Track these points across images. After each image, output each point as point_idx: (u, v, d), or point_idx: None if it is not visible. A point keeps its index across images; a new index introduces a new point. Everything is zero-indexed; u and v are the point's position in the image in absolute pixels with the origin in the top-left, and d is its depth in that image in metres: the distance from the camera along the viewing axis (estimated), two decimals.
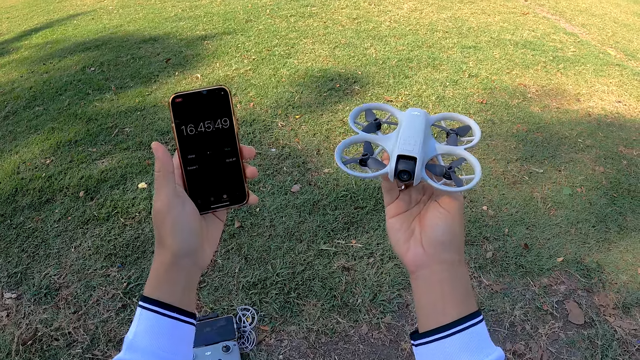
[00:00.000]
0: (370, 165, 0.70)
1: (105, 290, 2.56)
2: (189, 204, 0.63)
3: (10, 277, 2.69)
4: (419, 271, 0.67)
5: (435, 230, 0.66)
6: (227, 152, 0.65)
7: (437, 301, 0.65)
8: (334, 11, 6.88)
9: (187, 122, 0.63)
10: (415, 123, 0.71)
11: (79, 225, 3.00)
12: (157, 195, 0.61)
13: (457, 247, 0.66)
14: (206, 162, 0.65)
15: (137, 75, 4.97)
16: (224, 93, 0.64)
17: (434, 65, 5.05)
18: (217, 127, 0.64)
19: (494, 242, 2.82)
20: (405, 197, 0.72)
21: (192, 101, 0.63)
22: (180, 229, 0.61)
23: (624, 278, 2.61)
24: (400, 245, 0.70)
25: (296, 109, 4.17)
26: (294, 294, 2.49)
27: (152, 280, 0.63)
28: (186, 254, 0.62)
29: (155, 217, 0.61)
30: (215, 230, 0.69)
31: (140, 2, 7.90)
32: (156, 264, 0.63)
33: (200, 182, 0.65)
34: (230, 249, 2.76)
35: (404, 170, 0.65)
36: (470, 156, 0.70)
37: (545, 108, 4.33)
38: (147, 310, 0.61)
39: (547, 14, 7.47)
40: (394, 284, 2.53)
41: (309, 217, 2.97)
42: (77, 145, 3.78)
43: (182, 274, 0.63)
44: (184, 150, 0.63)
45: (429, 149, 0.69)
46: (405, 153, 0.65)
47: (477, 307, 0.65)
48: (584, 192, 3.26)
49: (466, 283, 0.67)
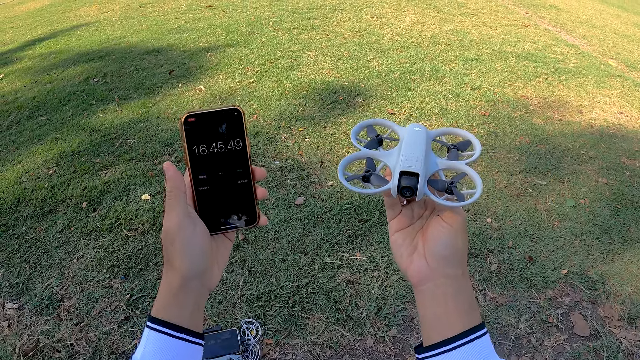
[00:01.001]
0: (372, 181, 0.70)
1: (108, 302, 2.54)
2: (200, 225, 0.63)
3: (12, 288, 2.67)
4: (422, 285, 0.68)
5: (438, 244, 0.66)
6: (239, 173, 0.65)
7: (441, 314, 0.66)
8: (336, 24, 6.92)
9: (199, 142, 0.62)
10: (416, 139, 0.72)
11: (81, 236, 2.99)
12: (168, 215, 0.61)
13: (460, 261, 0.67)
14: (217, 182, 0.64)
15: (140, 86, 4.98)
16: (237, 114, 0.63)
17: (436, 78, 5.07)
18: (229, 148, 0.64)
19: (498, 255, 2.82)
20: (408, 212, 0.72)
21: (204, 121, 0.62)
22: (190, 250, 0.61)
23: (629, 289, 2.61)
24: (403, 260, 0.70)
25: (299, 121, 4.18)
26: (299, 307, 2.47)
27: (160, 301, 0.62)
28: (195, 275, 0.62)
29: (165, 237, 0.61)
30: (224, 250, 0.68)
31: (144, 13, 7.95)
32: (165, 284, 0.63)
33: (211, 202, 0.64)
34: (234, 261, 2.75)
35: (407, 187, 0.65)
36: (472, 171, 0.70)
37: (547, 120, 4.34)
38: (155, 331, 0.61)
39: (548, 26, 7.52)
40: (398, 297, 2.52)
41: (313, 230, 2.96)
42: (80, 156, 3.77)
43: (191, 295, 0.62)
44: (195, 170, 0.63)
45: (430, 165, 0.70)
46: (407, 169, 0.66)
47: (481, 320, 0.66)
48: (588, 203, 3.26)
49: (470, 296, 0.67)
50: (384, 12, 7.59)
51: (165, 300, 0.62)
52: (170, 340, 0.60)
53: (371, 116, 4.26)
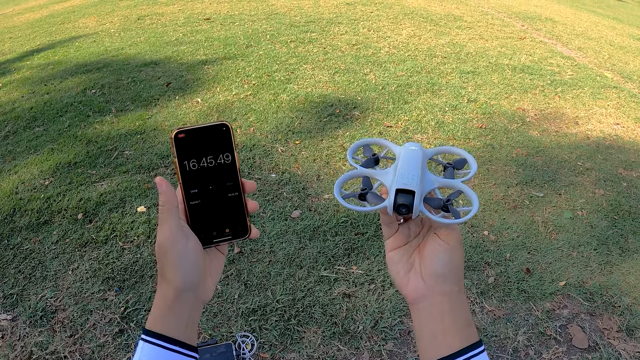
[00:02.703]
0: (369, 199, 0.71)
1: (103, 315, 2.52)
2: (192, 238, 0.63)
3: (6, 299, 2.65)
4: (419, 303, 0.68)
5: (435, 262, 0.67)
6: (229, 186, 0.66)
7: (437, 332, 0.66)
8: (333, 37, 6.96)
9: (190, 157, 0.64)
10: (412, 157, 0.72)
11: (76, 247, 2.97)
12: (161, 229, 0.62)
13: (457, 278, 0.67)
14: (208, 196, 0.65)
15: (137, 98, 4.99)
16: (225, 129, 0.64)
17: (433, 91, 5.10)
18: (219, 162, 0.65)
19: (495, 268, 2.82)
20: (404, 230, 0.73)
21: (194, 137, 0.63)
22: (183, 263, 0.62)
23: (627, 300, 2.61)
24: (400, 278, 0.71)
25: (296, 134, 4.19)
26: (294, 321, 2.46)
27: (154, 314, 0.63)
28: (189, 288, 0.63)
29: (159, 251, 0.62)
30: (217, 263, 0.69)
31: (142, 26, 7.98)
32: (159, 297, 0.63)
33: (202, 216, 0.65)
34: (229, 274, 2.74)
35: (403, 204, 0.66)
36: (467, 188, 0.71)
37: (544, 132, 4.37)
38: (149, 343, 0.61)
39: (544, 38, 7.59)
40: (395, 311, 2.51)
41: (309, 243, 2.96)
42: (77, 167, 3.77)
43: (185, 308, 0.63)
44: (186, 185, 0.64)
45: (426, 183, 0.71)
46: (403, 187, 0.66)
47: (478, 337, 0.66)
48: (585, 215, 3.27)
49: (466, 313, 0.67)
50: (380, 26, 7.65)
51: (159, 313, 0.63)
52: (164, 352, 0.61)
53: (367, 129, 4.27)
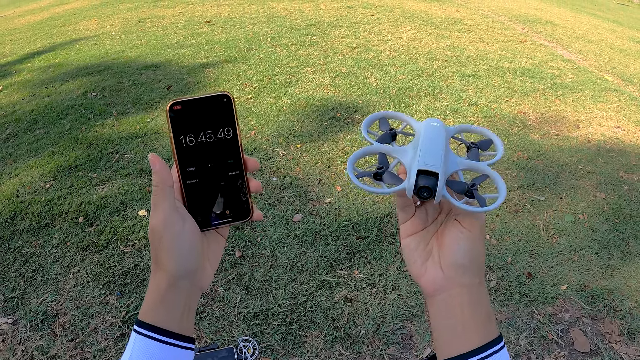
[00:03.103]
0: (385, 179, 0.64)
1: (104, 319, 2.52)
2: (189, 221, 0.59)
3: (7, 302, 2.65)
4: (437, 295, 0.63)
5: (456, 252, 0.62)
6: (230, 164, 0.61)
7: (457, 326, 0.61)
8: (334, 40, 6.97)
9: (187, 131, 0.58)
10: (435, 134, 0.65)
11: (77, 251, 2.97)
12: (154, 211, 0.57)
13: (478, 269, 0.62)
14: (207, 175, 0.60)
15: (138, 101, 4.99)
16: (227, 100, 0.59)
17: (434, 94, 5.10)
18: (219, 137, 0.60)
19: (497, 272, 2.82)
20: (422, 214, 0.67)
21: (192, 109, 0.58)
22: (178, 248, 0.57)
23: (629, 304, 2.61)
24: (417, 267, 0.65)
25: (297, 137, 4.19)
26: (296, 325, 2.46)
27: (148, 303, 0.59)
28: (185, 275, 0.58)
29: (152, 235, 0.57)
30: (216, 248, 0.65)
31: (143, 28, 7.98)
32: (152, 285, 0.59)
33: (200, 196, 0.60)
34: (231, 279, 2.73)
35: (425, 187, 0.59)
36: (495, 173, 0.65)
37: (545, 135, 4.37)
38: (142, 335, 0.57)
39: (545, 41, 7.61)
40: (397, 315, 2.51)
41: (311, 247, 2.96)
42: (78, 170, 3.76)
43: (180, 296, 0.59)
44: (183, 162, 0.59)
45: (450, 164, 0.64)
46: (426, 168, 0.60)
47: (499, 332, 0.62)
48: (586, 218, 3.27)
49: (487, 306, 0.63)
50: (381, 29, 7.66)
51: (153, 302, 0.58)
52: (158, 345, 0.57)
53: None
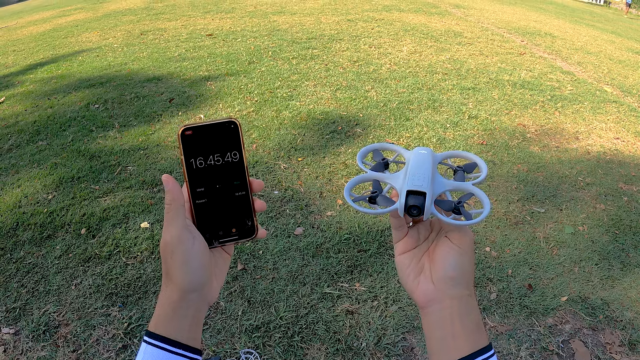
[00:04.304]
0: (379, 202, 0.70)
1: (106, 330, 2.52)
2: (199, 238, 0.62)
3: (9, 312, 2.65)
4: (429, 307, 0.67)
5: (446, 266, 0.66)
6: (236, 185, 0.64)
7: (447, 336, 0.65)
8: (335, 54, 7.02)
9: (197, 155, 0.62)
10: (422, 160, 0.72)
11: (80, 262, 2.98)
12: (167, 228, 0.60)
13: (467, 282, 0.66)
14: (215, 195, 0.64)
15: (140, 114, 5.02)
16: (234, 126, 0.63)
17: (434, 107, 5.14)
18: (226, 160, 0.63)
19: (497, 284, 2.83)
20: (414, 233, 0.72)
21: (202, 134, 0.62)
22: (189, 264, 0.60)
23: (629, 315, 2.62)
24: (410, 282, 0.70)
25: (298, 151, 4.22)
26: (298, 338, 2.47)
27: (158, 315, 0.62)
28: (195, 289, 0.61)
29: (164, 251, 0.60)
30: (223, 264, 0.68)
31: (145, 41, 8.04)
32: (163, 298, 0.62)
33: (209, 215, 0.64)
34: (233, 291, 2.74)
35: (414, 206, 0.65)
36: (479, 190, 0.70)
37: (544, 147, 4.40)
38: (152, 346, 0.60)
39: (544, 53, 7.66)
40: (398, 327, 2.52)
41: (313, 260, 2.97)
42: (80, 182, 3.78)
43: (190, 309, 0.62)
44: (193, 183, 0.63)
45: (437, 185, 0.69)
46: (414, 188, 0.65)
47: (489, 341, 0.65)
48: (586, 230, 3.29)
49: (477, 317, 0.66)
50: (381, 42, 7.72)
51: (163, 314, 0.61)
52: (167, 355, 0.59)
53: None
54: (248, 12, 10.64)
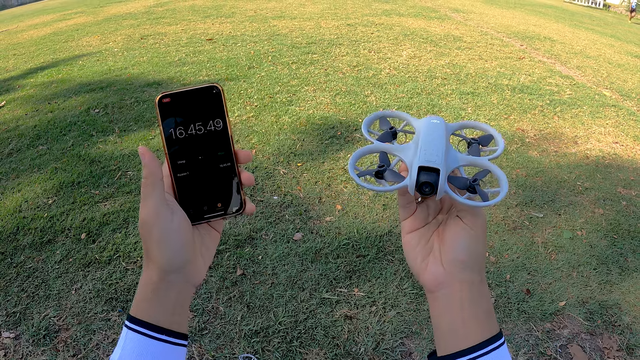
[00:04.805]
0: (387, 177, 0.64)
1: (106, 335, 2.54)
2: (179, 214, 0.58)
3: (9, 317, 2.67)
4: (437, 291, 0.63)
5: (457, 248, 0.62)
6: (220, 156, 0.60)
7: (456, 323, 0.61)
8: (334, 59, 7.05)
9: (176, 124, 0.58)
10: (435, 131, 0.65)
11: (80, 267, 2.99)
12: (144, 204, 0.56)
13: (479, 266, 0.62)
14: (198, 167, 0.59)
15: (140, 118, 5.04)
16: (216, 91, 0.59)
17: (433, 112, 5.16)
18: (209, 129, 0.59)
19: (495, 289, 2.84)
20: (423, 211, 0.67)
21: (181, 101, 0.58)
22: (168, 242, 0.56)
23: (627, 319, 2.63)
24: (417, 264, 0.65)
25: (298, 156, 4.24)
26: (297, 343, 2.48)
27: (139, 298, 0.58)
28: (176, 269, 0.57)
29: (142, 229, 0.56)
30: (210, 242, 0.63)
31: (145, 45, 8.07)
32: (144, 280, 0.58)
33: (191, 189, 0.59)
34: (232, 296, 2.76)
35: (427, 183, 0.59)
36: (496, 168, 0.65)
37: (543, 152, 4.42)
38: (133, 331, 0.56)
39: (543, 57, 7.69)
40: (396, 332, 2.53)
41: (311, 265, 2.99)
42: (80, 187, 3.80)
43: (171, 291, 0.58)
44: (173, 155, 0.58)
45: (450, 160, 0.63)
46: (427, 164, 0.60)
47: (499, 329, 0.62)
48: (585, 235, 3.30)
49: (487, 302, 0.62)
50: (381, 47, 7.75)
51: (143, 298, 0.58)
52: (149, 341, 0.56)
53: None
54: (248, 16, 10.68)
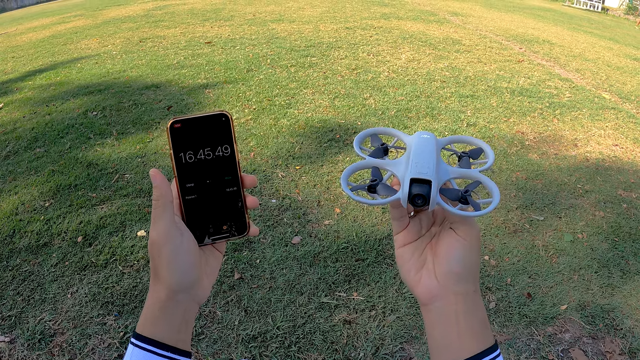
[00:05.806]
0: (379, 191, 0.65)
1: (101, 339, 2.51)
2: (188, 236, 0.60)
3: (4, 320, 2.64)
4: (432, 304, 0.63)
5: (451, 260, 0.62)
6: (227, 181, 0.62)
7: (451, 335, 0.61)
8: (333, 61, 7.04)
9: (186, 148, 0.60)
10: (426, 146, 0.67)
11: (76, 271, 2.96)
12: (154, 225, 0.58)
13: (473, 277, 0.63)
14: (205, 191, 0.61)
15: (138, 121, 5.02)
16: (225, 119, 0.61)
17: (432, 115, 5.14)
18: (217, 154, 0.61)
19: (496, 293, 2.82)
20: (416, 224, 0.68)
21: (191, 127, 0.60)
22: (177, 262, 0.58)
23: (629, 323, 2.61)
24: (411, 277, 0.65)
25: (296, 159, 4.21)
26: (295, 348, 2.45)
27: (146, 316, 0.59)
28: (184, 289, 0.59)
29: (152, 249, 0.58)
30: (214, 262, 0.65)
31: (144, 48, 8.06)
32: (151, 299, 0.59)
33: (199, 212, 0.62)
34: (230, 300, 2.73)
35: (419, 195, 0.60)
36: (486, 178, 0.66)
37: (543, 155, 4.40)
38: (140, 348, 0.58)
39: (542, 60, 7.69)
40: (396, 337, 2.51)
41: (310, 269, 2.96)
42: (77, 190, 3.77)
43: (178, 310, 0.60)
44: (182, 178, 0.60)
45: (442, 173, 0.65)
46: (419, 176, 0.60)
47: (494, 340, 0.62)
48: (585, 237, 3.28)
49: (482, 314, 0.63)
50: (380, 50, 7.74)
51: (151, 315, 0.59)
52: (154, 358, 0.57)
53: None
54: (247, 20, 10.67)
